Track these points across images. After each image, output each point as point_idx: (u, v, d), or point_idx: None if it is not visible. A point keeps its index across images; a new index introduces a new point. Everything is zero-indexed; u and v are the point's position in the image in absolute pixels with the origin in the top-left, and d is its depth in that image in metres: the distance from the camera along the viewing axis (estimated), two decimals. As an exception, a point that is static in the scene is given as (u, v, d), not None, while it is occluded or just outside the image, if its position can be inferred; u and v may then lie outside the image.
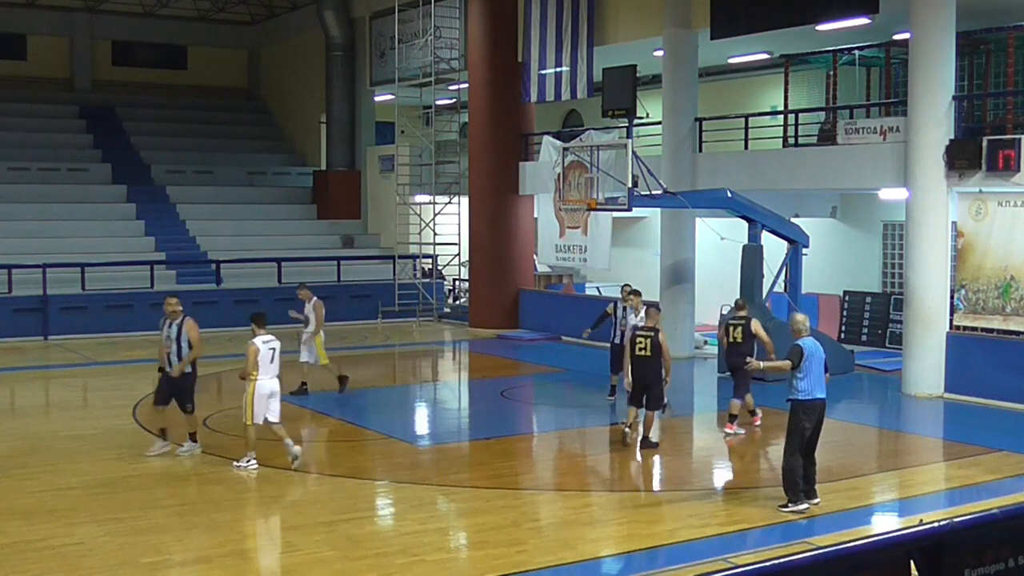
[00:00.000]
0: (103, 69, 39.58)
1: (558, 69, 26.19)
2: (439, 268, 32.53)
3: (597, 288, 28.96)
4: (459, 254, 31.94)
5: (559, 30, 26.03)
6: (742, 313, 16.20)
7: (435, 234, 31.39)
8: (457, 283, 33.64)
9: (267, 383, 13.60)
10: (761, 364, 12.97)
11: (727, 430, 15.60)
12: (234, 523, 11.39)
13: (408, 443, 15.83)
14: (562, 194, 24.37)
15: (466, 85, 29.35)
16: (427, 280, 31.58)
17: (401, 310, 30.69)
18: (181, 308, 14.70)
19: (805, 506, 11.70)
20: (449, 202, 31.43)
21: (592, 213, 23.57)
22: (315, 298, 19.21)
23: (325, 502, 12.28)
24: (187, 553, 10.48)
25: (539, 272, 29.66)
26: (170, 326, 14.62)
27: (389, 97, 33.64)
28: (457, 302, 32.64)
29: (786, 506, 11.71)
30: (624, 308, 17.86)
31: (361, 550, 10.62)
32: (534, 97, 27.04)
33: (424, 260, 32.32)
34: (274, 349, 13.75)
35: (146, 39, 40.11)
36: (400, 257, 31.47)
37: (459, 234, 31.62)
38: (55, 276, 27.49)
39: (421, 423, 18.36)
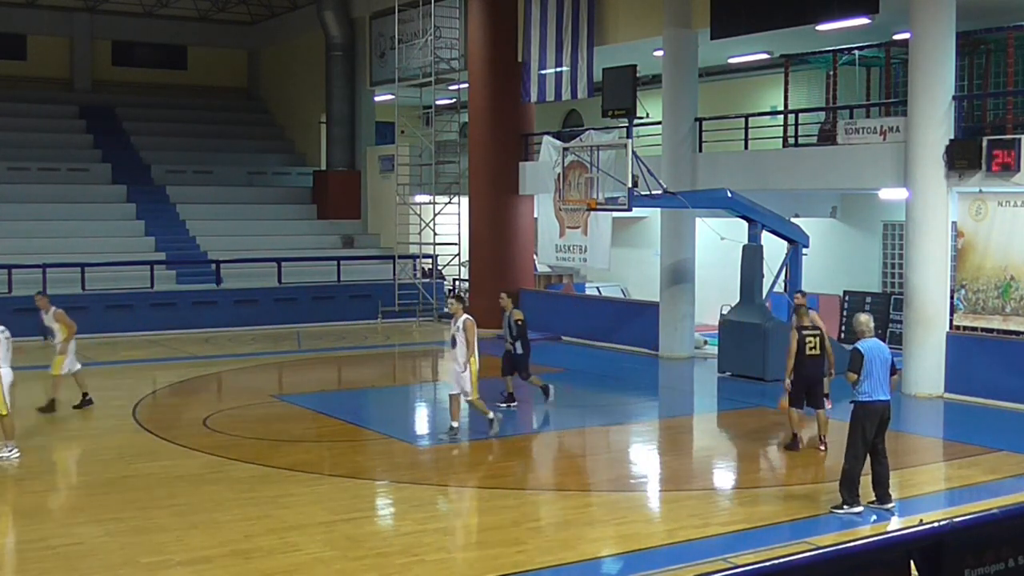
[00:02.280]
0: (103, 69, 39.58)
1: (558, 69, 26.18)
2: (439, 268, 32.53)
3: (597, 288, 28.97)
4: (459, 254, 31.94)
5: (559, 30, 26.03)
6: (815, 324, 15.31)
7: (435, 234, 31.39)
8: (457, 283, 33.62)
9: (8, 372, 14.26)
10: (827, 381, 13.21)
11: (821, 448, 15.04)
12: (234, 523, 11.38)
13: (408, 443, 15.83)
14: (562, 194, 24.35)
15: (466, 85, 29.34)
16: (427, 280, 31.58)
17: (401, 310, 30.69)
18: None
19: (860, 508, 11.64)
20: (449, 202, 31.43)
21: (592, 213, 23.58)
22: (54, 308, 18.10)
23: (325, 502, 12.28)
24: (187, 553, 10.47)
25: (539, 272, 29.65)
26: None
27: (389, 97, 33.64)
28: (457, 302, 32.57)
29: (840, 507, 11.65)
30: (507, 314, 18.14)
31: (361, 550, 10.62)
32: (534, 97, 27.04)
33: (424, 260, 32.32)
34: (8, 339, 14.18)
35: (146, 39, 40.11)
36: (400, 257, 31.47)
37: (459, 234, 31.63)
38: (55, 276, 27.49)
39: (421, 423, 18.36)
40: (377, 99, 35.26)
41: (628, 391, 20.44)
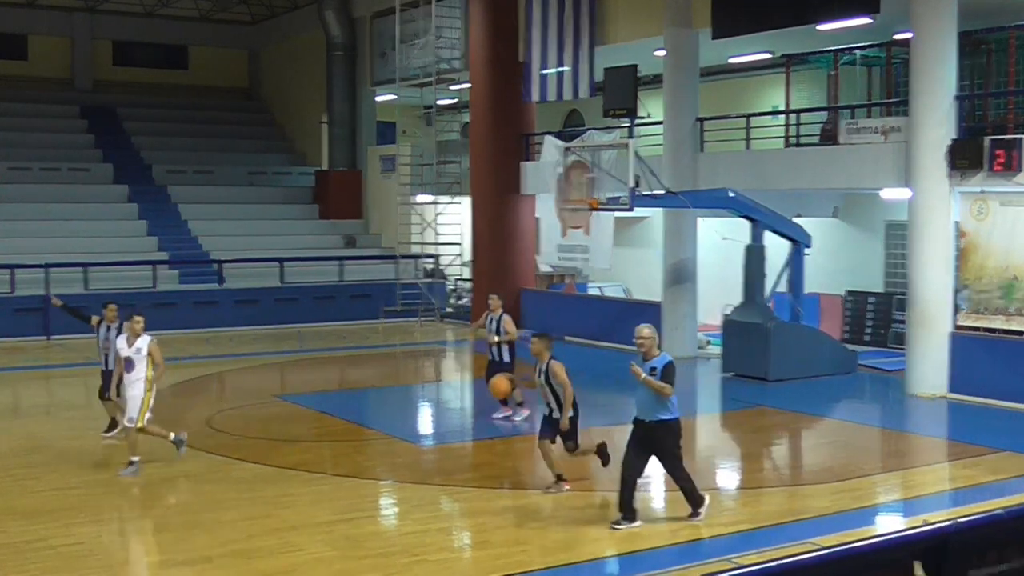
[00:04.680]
0: (104, 69, 39.58)
1: (559, 69, 26.18)
2: (441, 268, 32.53)
3: (599, 288, 28.96)
4: (461, 254, 31.93)
5: (560, 30, 26.02)
6: None
7: (437, 234, 31.37)
8: (459, 283, 33.63)
9: None
10: None
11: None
12: (235, 523, 11.38)
13: (410, 443, 15.82)
14: (564, 194, 24.35)
15: (467, 85, 29.35)
16: (429, 280, 31.58)
17: (403, 310, 30.69)
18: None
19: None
20: (451, 202, 31.42)
21: (594, 213, 23.57)
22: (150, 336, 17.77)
23: (327, 502, 12.27)
24: (188, 553, 10.47)
25: (541, 272, 29.66)
26: (107, 330, 15.42)
27: (390, 97, 33.64)
28: (459, 302, 32.62)
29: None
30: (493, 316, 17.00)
31: (363, 550, 10.61)
32: (535, 97, 27.04)
33: (426, 260, 32.32)
34: None
35: (147, 39, 40.11)
36: (402, 257, 31.46)
37: (461, 234, 31.60)
38: (57, 276, 27.50)
39: (424, 423, 18.35)
40: (378, 99, 35.26)
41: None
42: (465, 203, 30.56)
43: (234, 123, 39.39)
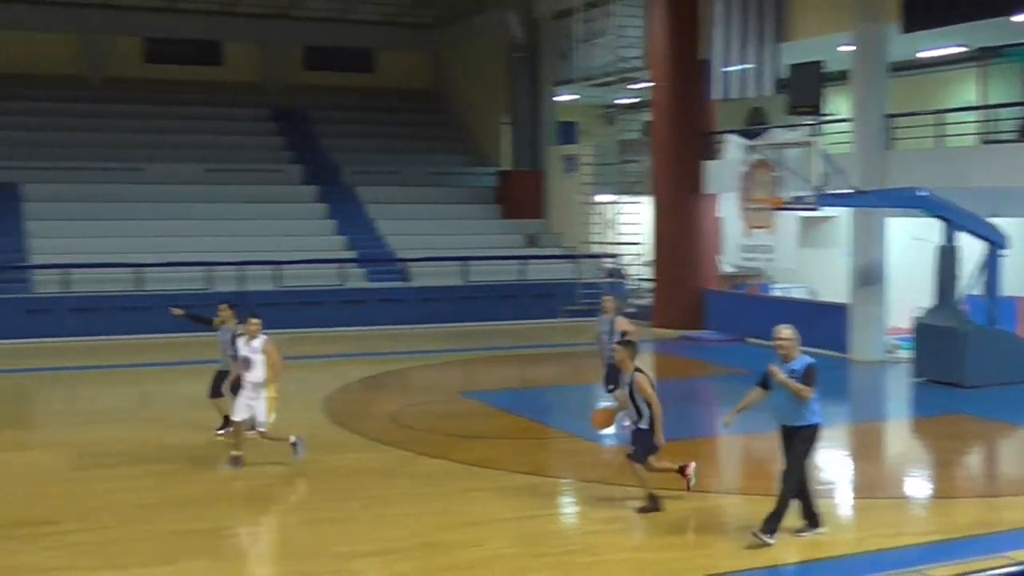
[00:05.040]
0: (295, 73, 40.80)
1: (743, 66, 25.81)
2: (622, 267, 32.47)
3: (784, 289, 28.43)
4: (642, 253, 31.81)
5: (744, 26, 25.66)
6: None
7: (617, 233, 31.32)
8: (640, 282, 33.50)
9: None
10: None
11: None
12: (420, 516, 11.60)
13: (592, 442, 15.84)
14: (747, 193, 24.00)
15: (648, 84, 29.22)
16: (610, 279, 31.57)
17: (584, 309, 30.73)
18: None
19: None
20: (632, 201, 31.33)
21: (778, 213, 23.17)
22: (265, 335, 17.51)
23: (509, 499, 12.40)
24: (376, 544, 10.72)
25: (724, 272, 29.30)
26: (224, 332, 15.35)
27: (571, 97, 33.74)
28: (640, 301, 32.51)
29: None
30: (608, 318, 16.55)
31: (543, 547, 10.69)
32: (718, 95, 26.73)
33: (607, 259, 32.31)
34: None
35: (336, 44, 41.20)
36: (583, 256, 31.52)
37: (642, 233, 31.48)
38: (251, 274, 28.56)
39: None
40: (559, 99, 35.40)
41: (817, 394, 19.96)
42: (646, 202, 30.43)
43: (419, 124, 40.11)
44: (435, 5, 39.96)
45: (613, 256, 32.44)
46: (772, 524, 10.60)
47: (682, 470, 12.36)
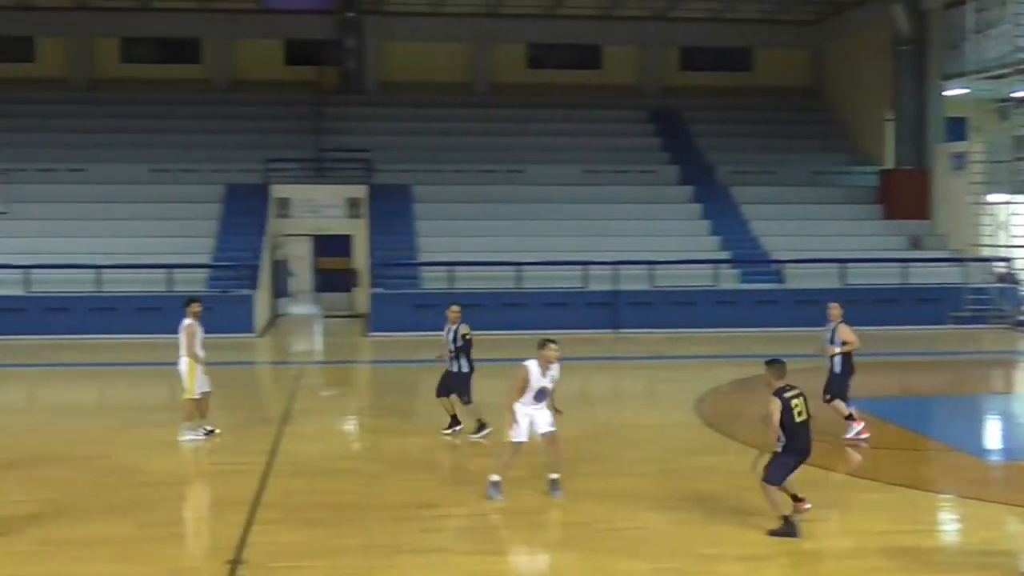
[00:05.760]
0: (671, 74, 41.05)
1: None
2: (1015, 272, 30.44)
3: None
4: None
5: None
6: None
7: (1012, 236, 29.38)
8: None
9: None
10: None
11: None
12: (800, 524, 11.31)
13: (976, 457, 14.93)
14: None
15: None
16: (1002, 285, 29.66)
17: (972, 316, 29.05)
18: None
19: None
20: (1027, 201, 29.33)
21: None
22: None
23: (884, 511, 11.89)
24: (743, 548, 10.57)
25: None
26: (448, 331, 15.52)
27: (961, 91, 31.95)
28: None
29: None
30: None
31: (921, 564, 10.18)
32: None
33: (998, 263, 30.39)
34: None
35: (712, 43, 41.08)
36: (971, 260, 29.80)
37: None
38: (625, 273, 29.00)
39: (992, 436, 17.25)
40: (947, 93, 33.60)
41: None
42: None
43: (796, 123, 39.34)
44: (815, 0, 39.06)
45: (1006, 260, 30.45)
46: None
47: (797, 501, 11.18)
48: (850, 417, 15.29)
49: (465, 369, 15.45)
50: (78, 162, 33.99)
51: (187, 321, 15.34)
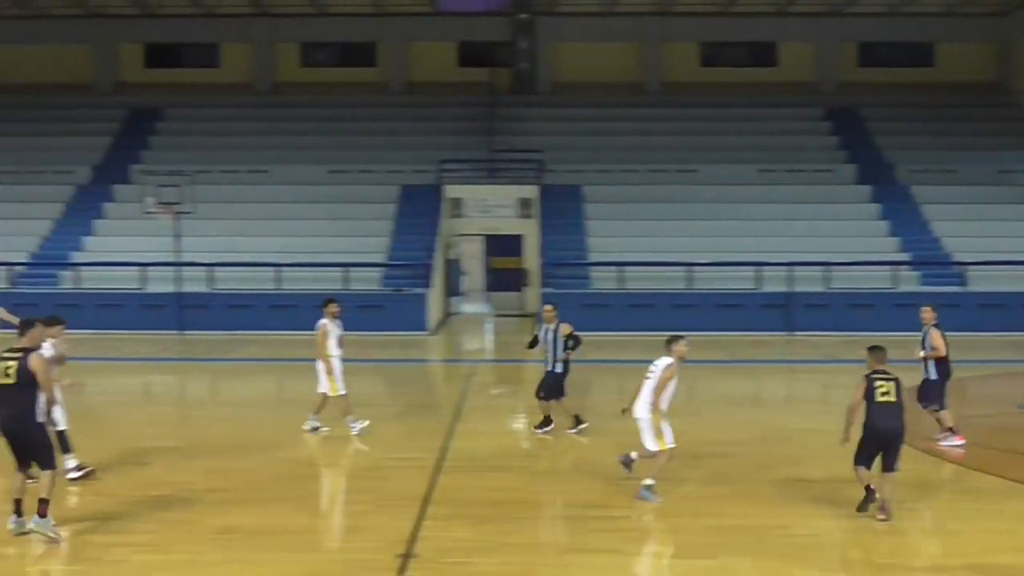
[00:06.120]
0: (848, 70, 40.11)
1: None
2: None
3: None
4: None
5: None
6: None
7: None
8: None
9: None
10: None
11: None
12: (971, 535, 10.90)
13: None
14: None
15: None
16: None
17: None
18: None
19: None
20: None
21: None
22: None
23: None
24: (921, 559, 10.28)
25: None
26: (546, 332, 15.74)
27: None
28: None
29: None
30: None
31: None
32: None
33: None
34: None
35: (891, 38, 39.96)
36: None
37: None
38: (800, 274, 28.44)
39: None
40: None
41: None
42: None
43: (981, 120, 37.93)
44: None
45: None
46: None
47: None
48: (951, 430, 14.92)
49: (559, 370, 15.72)
50: (260, 163, 35.17)
51: (322, 321, 15.70)
